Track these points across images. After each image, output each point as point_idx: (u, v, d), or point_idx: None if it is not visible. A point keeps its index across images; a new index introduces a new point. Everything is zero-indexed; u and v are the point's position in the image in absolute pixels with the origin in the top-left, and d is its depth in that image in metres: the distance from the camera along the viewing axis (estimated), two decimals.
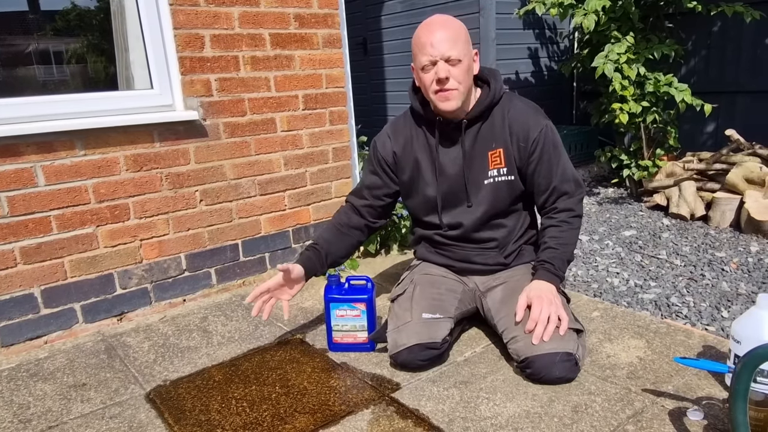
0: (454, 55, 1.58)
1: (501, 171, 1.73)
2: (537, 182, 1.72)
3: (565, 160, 1.73)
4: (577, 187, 1.74)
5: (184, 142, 2.21)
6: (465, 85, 1.64)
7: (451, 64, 1.60)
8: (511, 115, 1.71)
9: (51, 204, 1.96)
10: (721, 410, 1.38)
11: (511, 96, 1.76)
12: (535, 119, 1.70)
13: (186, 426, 1.45)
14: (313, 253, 1.80)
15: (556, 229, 1.71)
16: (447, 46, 1.58)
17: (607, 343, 1.75)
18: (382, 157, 1.84)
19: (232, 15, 2.25)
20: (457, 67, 1.60)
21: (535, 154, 1.69)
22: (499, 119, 1.72)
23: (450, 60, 1.59)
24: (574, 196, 1.73)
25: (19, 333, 1.96)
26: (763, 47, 3.94)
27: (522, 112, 1.72)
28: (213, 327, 2.05)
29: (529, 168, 1.71)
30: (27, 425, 1.51)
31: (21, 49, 2.34)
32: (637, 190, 3.97)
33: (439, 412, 1.44)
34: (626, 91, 3.52)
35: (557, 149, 1.71)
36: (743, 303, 2.29)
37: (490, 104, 1.71)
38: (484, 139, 1.72)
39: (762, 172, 3.16)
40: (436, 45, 1.59)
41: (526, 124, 1.69)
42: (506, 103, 1.73)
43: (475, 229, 1.78)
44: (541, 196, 1.74)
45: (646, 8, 3.91)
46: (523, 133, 1.69)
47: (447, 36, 1.59)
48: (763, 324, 1.35)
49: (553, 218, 1.73)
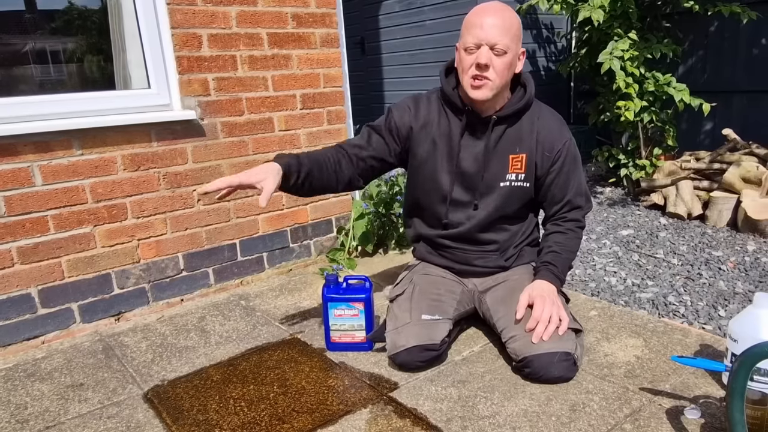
0: (501, 45, 1.53)
1: (519, 176, 1.71)
2: (552, 193, 1.73)
3: (581, 174, 1.75)
4: (587, 202, 1.78)
5: (182, 142, 2.21)
6: (502, 79, 1.59)
7: (495, 52, 1.54)
8: (540, 123, 1.69)
9: (48, 204, 1.96)
10: (718, 409, 1.38)
11: (539, 104, 1.74)
12: (561, 131, 1.71)
13: (184, 426, 1.45)
14: (292, 159, 1.61)
15: (562, 235, 1.74)
16: (496, 33, 1.52)
17: (605, 342, 1.76)
18: (396, 124, 1.73)
19: (229, 14, 2.25)
20: (500, 58, 1.55)
21: (556, 165, 1.70)
22: (527, 125, 1.69)
23: (495, 48, 1.53)
24: (583, 210, 1.77)
25: (17, 333, 1.95)
26: (759, 47, 3.95)
27: (551, 121, 1.71)
28: (211, 327, 2.05)
29: (548, 178, 1.71)
30: (24, 425, 1.51)
31: (18, 48, 2.33)
32: (635, 189, 3.98)
33: (437, 412, 1.44)
34: (630, 89, 3.53)
35: (576, 163, 1.73)
36: (740, 302, 2.30)
37: (524, 108, 1.68)
38: (510, 141, 1.70)
39: (759, 172, 3.17)
40: (486, 28, 1.52)
41: (554, 134, 1.69)
42: (536, 110, 1.71)
43: (478, 230, 1.77)
44: (554, 207, 1.75)
45: (644, 8, 3.92)
46: (549, 143, 1.69)
47: (499, 23, 1.53)
48: (760, 322, 1.36)
49: (559, 225, 1.75)
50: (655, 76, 3.60)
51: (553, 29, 4.97)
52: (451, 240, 1.82)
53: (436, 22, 4.91)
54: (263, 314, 2.13)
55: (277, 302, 2.23)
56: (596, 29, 3.69)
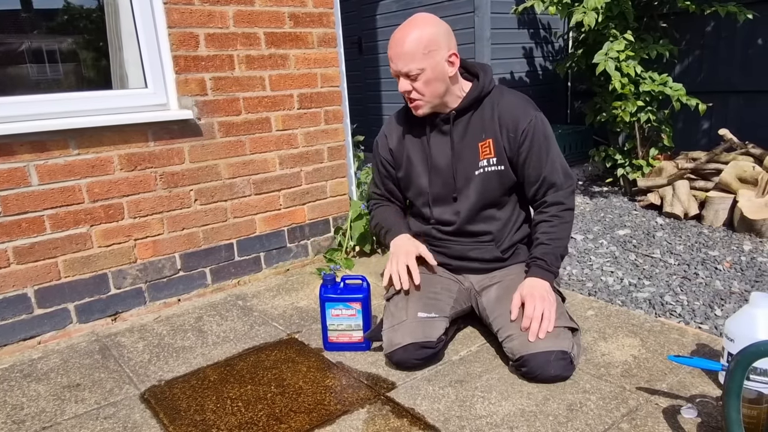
0: (411, 71, 1.61)
1: (491, 161, 1.73)
2: (527, 173, 1.73)
3: (555, 151, 1.72)
4: (567, 178, 1.73)
5: (179, 142, 2.20)
6: (430, 95, 1.66)
7: (410, 78, 1.63)
8: (501, 106, 1.72)
9: (44, 203, 1.95)
10: (714, 408, 1.38)
11: (501, 89, 1.76)
12: (524, 110, 1.70)
13: (181, 426, 1.45)
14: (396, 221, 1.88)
15: (548, 224, 1.71)
16: (402, 64, 1.62)
17: (602, 341, 1.76)
18: (382, 157, 1.89)
19: (226, 14, 2.24)
20: (418, 80, 1.63)
21: (525, 145, 1.69)
22: (488, 110, 1.73)
23: (409, 75, 1.62)
24: (563, 189, 1.72)
25: (13, 333, 1.94)
26: (755, 47, 3.97)
27: (511, 103, 1.72)
28: (208, 327, 2.05)
29: (519, 159, 1.71)
30: (20, 426, 1.51)
31: (14, 47, 2.33)
32: (631, 189, 3.98)
33: (434, 411, 1.44)
34: (626, 89, 3.54)
35: (548, 140, 1.71)
36: (736, 301, 2.31)
37: (478, 96, 1.72)
38: (474, 130, 1.74)
39: (755, 171, 3.18)
40: (395, 61, 1.63)
41: (516, 115, 1.70)
42: (496, 95, 1.74)
43: (467, 221, 1.79)
44: (532, 188, 1.74)
45: (640, 8, 3.93)
46: (512, 124, 1.69)
47: (401, 51, 1.60)
48: (756, 322, 1.36)
49: (544, 212, 1.73)
50: (652, 76, 3.61)
51: (550, 29, 4.98)
52: (445, 234, 1.84)
53: None
54: (260, 314, 2.12)
55: (274, 302, 2.23)
56: (592, 30, 3.70)
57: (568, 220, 1.73)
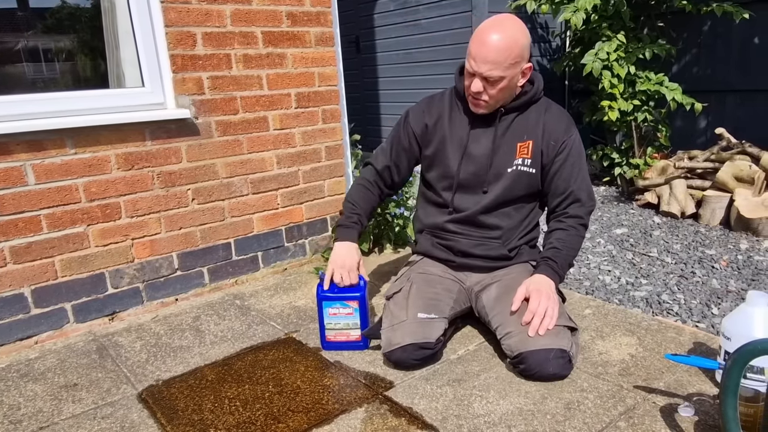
0: (492, 77, 1.61)
1: (526, 161, 1.76)
2: (556, 183, 1.76)
3: (585, 171, 1.78)
4: (589, 199, 1.78)
5: (176, 141, 2.20)
6: (498, 99, 1.68)
7: (488, 82, 1.63)
8: (548, 115, 1.76)
9: (41, 203, 1.95)
10: (711, 406, 1.39)
11: (548, 100, 1.81)
12: (568, 124, 1.77)
13: (179, 426, 1.45)
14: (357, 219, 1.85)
15: (564, 232, 1.74)
16: (486, 68, 1.60)
17: (600, 340, 1.76)
18: (412, 129, 1.86)
19: (224, 13, 2.24)
20: (494, 86, 1.63)
21: (561, 155, 1.73)
22: (534, 115, 1.76)
23: (487, 79, 1.62)
24: (585, 206, 1.77)
25: (9, 333, 1.94)
26: (752, 46, 3.98)
27: (559, 115, 1.78)
28: (205, 326, 2.04)
29: (553, 167, 1.75)
30: (17, 426, 1.50)
31: (10, 46, 2.32)
32: (629, 188, 3.99)
33: (432, 410, 1.44)
34: (615, 89, 3.55)
35: (581, 159, 1.77)
36: (733, 300, 2.31)
37: (530, 100, 1.75)
38: (517, 130, 1.76)
39: (751, 171, 3.19)
40: (479, 62, 1.60)
41: (561, 125, 1.75)
42: (544, 104, 1.79)
43: (483, 212, 1.80)
44: (557, 199, 1.77)
45: (637, 7, 3.93)
46: (555, 134, 1.74)
47: (491, 56, 1.58)
48: (753, 320, 1.37)
49: (562, 222, 1.76)
50: (648, 76, 3.62)
51: (547, 28, 4.98)
52: (456, 224, 1.83)
53: (431, 21, 4.91)
54: (258, 313, 2.12)
55: (272, 301, 2.23)
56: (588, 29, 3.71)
57: (581, 235, 1.77)
